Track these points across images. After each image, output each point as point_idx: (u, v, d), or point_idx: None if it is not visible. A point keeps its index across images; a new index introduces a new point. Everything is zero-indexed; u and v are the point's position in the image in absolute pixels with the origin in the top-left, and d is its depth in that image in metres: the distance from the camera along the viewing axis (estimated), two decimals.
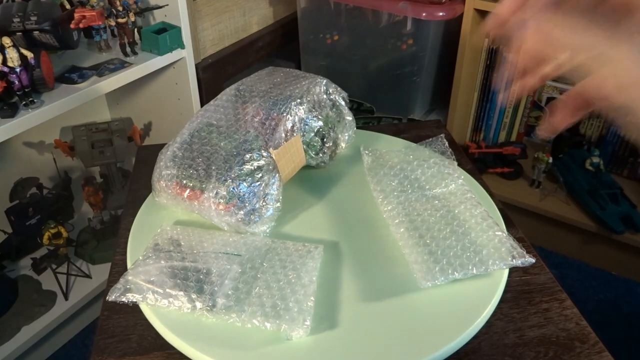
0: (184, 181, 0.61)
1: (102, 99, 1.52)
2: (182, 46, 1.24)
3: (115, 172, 1.36)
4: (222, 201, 0.59)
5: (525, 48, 0.30)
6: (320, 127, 0.69)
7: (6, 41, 0.93)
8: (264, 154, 0.61)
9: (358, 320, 0.52)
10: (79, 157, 1.31)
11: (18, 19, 1.03)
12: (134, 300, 0.53)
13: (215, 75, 1.41)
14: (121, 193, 1.38)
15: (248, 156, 0.60)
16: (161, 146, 0.66)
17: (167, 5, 1.20)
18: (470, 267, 0.54)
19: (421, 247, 0.57)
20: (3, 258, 1.31)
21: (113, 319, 0.55)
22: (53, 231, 1.25)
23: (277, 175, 0.62)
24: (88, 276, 1.33)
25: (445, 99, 1.59)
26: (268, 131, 0.63)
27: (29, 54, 0.96)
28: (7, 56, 0.93)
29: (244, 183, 0.59)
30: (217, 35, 1.43)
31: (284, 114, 0.64)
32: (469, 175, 0.72)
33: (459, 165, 0.72)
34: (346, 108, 0.75)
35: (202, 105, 0.90)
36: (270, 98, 0.67)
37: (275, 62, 1.69)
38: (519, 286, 0.59)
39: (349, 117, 0.75)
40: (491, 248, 0.56)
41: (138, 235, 0.63)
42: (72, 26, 1.08)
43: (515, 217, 0.68)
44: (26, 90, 0.98)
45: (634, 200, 1.47)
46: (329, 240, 0.61)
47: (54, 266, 1.29)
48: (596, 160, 1.49)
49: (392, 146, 0.77)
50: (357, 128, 0.77)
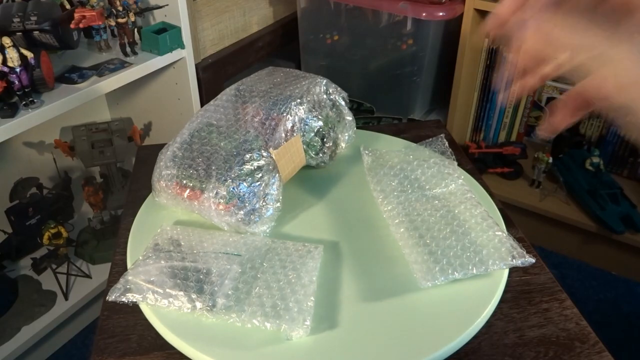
0: (184, 181, 0.61)
1: (102, 99, 1.52)
2: (182, 46, 1.24)
3: (115, 172, 1.36)
4: (222, 201, 0.59)
5: (525, 48, 0.30)
6: (320, 127, 0.69)
7: (6, 41, 0.93)
8: (264, 154, 0.61)
9: (358, 320, 0.52)
10: (79, 157, 1.31)
11: (18, 19, 1.03)
12: (134, 300, 0.53)
13: (215, 75, 1.41)
14: (121, 193, 1.38)
15: (248, 156, 0.60)
16: (161, 146, 0.66)
17: (167, 5, 1.20)
18: (470, 267, 0.54)
19: (421, 247, 0.57)
20: (3, 258, 1.31)
21: (113, 319, 0.55)
22: (53, 231, 1.25)
23: (277, 175, 0.62)
24: (88, 276, 1.33)
25: (445, 99, 1.59)
26: (268, 131, 0.63)
27: (29, 54, 0.96)
28: (7, 56, 0.93)
29: (244, 183, 0.59)
30: (217, 35, 1.43)
31: (284, 114, 0.64)
32: (469, 175, 0.72)
33: (459, 165, 0.72)
34: (346, 108, 0.75)
35: (202, 105, 0.90)
36: (270, 98, 0.67)
37: (275, 62, 1.69)
38: (519, 286, 0.59)
39: (349, 117, 0.75)
40: (491, 248, 0.56)
41: (138, 235, 0.63)
42: (72, 26, 1.08)
43: (515, 217, 0.68)
44: (26, 90, 0.98)
45: (634, 200, 1.47)
46: (329, 240, 0.61)
47: (54, 266, 1.29)
48: (596, 160, 1.49)
49: (392, 146, 0.77)
50: (357, 128, 0.77)
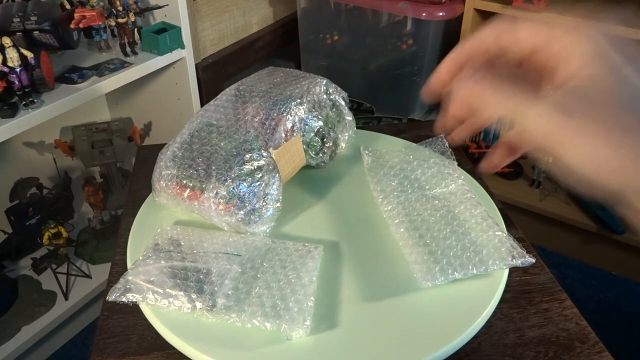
0: (184, 181, 0.61)
1: (102, 99, 1.52)
2: (182, 46, 1.24)
3: (115, 172, 1.36)
4: (222, 201, 0.59)
5: (459, 104, 0.36)
6: (320, 127, 0.69)
7: (6, 41, 0.93)
8: (264, 154, 0.61)
9: (358, 320, 0.52)
10: (79, 157, 1.31)
11: (18, 19, 1.03)
12: (134, 300, 0.53)
13: (215, 75, 1.41)
14: (121, 193, 1.38)
15: (248, 156, 0.60)
16: (161, 146, 0.66)
17: (167, 5, 1.20)
18: (470, 267, 0.54)
19: (421, 247, 0.57)
20: (3, 258, 1.31)
21: (113, 319, 0.55)
22: (53, 231, 1.25)
23: (277, 175, 0.62)
24: (88, 276, 1.33)
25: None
26: (268, 131, 0.63)
27: (29, 54, 0.96)
28: (7, 56, 0.93)
29: (244, 183, 0.59)
30: (217, 35, 1.43)
31: (284, 114, 0.64)
32: (469, 175, 0.72)
33: (459, 165, 0.72)
34: (346, 108, 0.75)
35: (202, 105, 0.90)
36: (270, 98, 0.67)
37: (275, 62, 1.69)
38: (519, 286, 0.59)
39: (349, 117, 0.75)
40: (491, 248, 0.56)
41: (138, 235, 0.63)
42: (72, 26, 1.08)
43: (515, 217, 0.68)
44: (26, 90, 0.98)
45: None
46: (329, 240, 0.61)
47: (54, 266, 1.29)
48: None
49: (392, 146, 0.77)
50: (357, 128, 0.77)
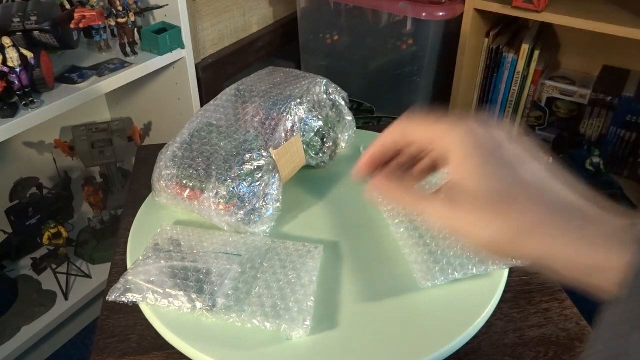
0: (184, 181, 0.61)
1: (102, 99, 1.52)
2: (182, 46, 1.24)
3: (115, 172, 1.36)
4: (222, 201, 0.59)
5: (373, 192, 0.42)
6: (320, 127, 0.69)
7: (6, 41, 0.93)
8: (264, 154, 0.61)
9: (358, 320, 0.52)
10: (79, 157, 1.31)
11: (18, 19, 1.03)
12: (134, 300, 0.53)
13: (215, 75, 1.41)
14: (121, 193, 1.38)
15: (248, 156, 0.60)
16: (161, 146, 0.67)
17: (167, 5, 1.20)
18: (470, 267, 0.54)
19: (421, 247, 0.57)
20: (3, 258, 1.31)
21: (113, 319, 0.55)
22: (53, 231, 1.25)
23: (277, 175, 0.62)
24: (88, 276, 1.33)
25: (445, 99, 1.59)
26: (268, 131, 0.63)
27: (29, 54, 0.96)
28: (7, 56, 0.93)
29: (244, 183, 0.59)
30: (217, 35, 1.43)
31: (284, 114, 0.64)
32: None
33: None
34: (346, 108, 0.75)
35: (202, 105, 0.90)
36: (270, 98, 0.67)
37: (275, 62, 1.69)
38: (519, 286, 0.59)
39: (349, 117, 0.75)
40: None
41: (138, 235, 0.63)
42: (72, 26, 1.08)
43: None
44: (26, 90, 0.98)
45: (634, 200, 1.46)
46: (329, 240, 0.61)
47: (54, 266, 1.29)
48: (596, 160, 1.49)
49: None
50: (357, 128, 0.77)
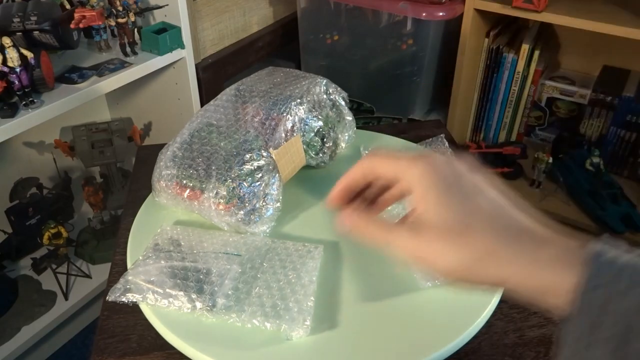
0: (184, 181, 0.61)
1: (102, 99, 1.52)
2: (182, 46, 1.24)
3: (115, 172, 1.36)
4: (222, 201, 0.59)
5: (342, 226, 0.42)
6: (320, 127, 0.69)
7: (6, 41, 0.93)
8: (264, 154, 0.61)
9: (358, 320, 0.52)
10: (79, 157, 1.31)
11: (18, 19, 1.03)
12: (134, 300, 0.53)
13: (215, 75, 1.41)
14: (121, 193, 1.38)
15: (248, 156, 0.60)
16: (161, 146, 0.67)
17: (167, 5, 1.20)
18: None
19: None
20: (3, 258, 1.31)
21: (113, 319, 0.55)
22: (53, 231, 1.25)
23: (277, 175, 0.62)
24: (88, 276, 1.33)
25: (445, 99, 1.59)
26: (268, 131, 0.63)
27: (29, 54, 0.96)
28: (7, 56, 0.93)
29: (244, 183, 0.59)
30: (217, 35, 1.43)
31: (284, 114, 0.64)
32: None
33: None
34: (346, 108, 0.75)
35: (202, 105, 0.90)
36: (270, 98, 0.67)
37: (275, 62, 1.69)
38: None
39: (349, 117, 0.75)
40: None
41: (138, 235, 0.63)
42: (72, 26, 1.08)
43: None
44: (26, 90, 0.98)
45: (634, 200, 1.46)
46: (329, 240, 0.61)
47: (54, 266, 1.29)
48: (596, 160, 1.48)
49: (392, 146, 0.77)
50: (357, 128, 0.77)
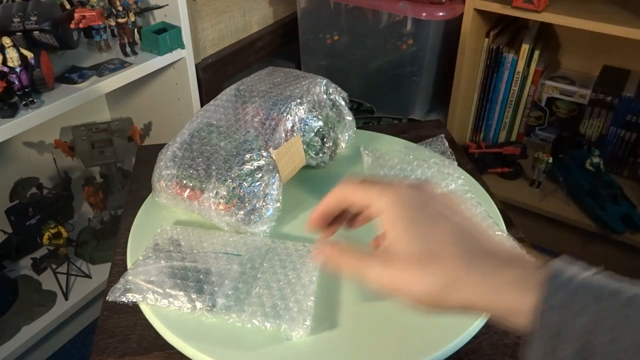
0: (184, 181, 0.61)
1: (102, 99, 1.52)
2: (182, 46, 1.24)
3: (115, 172, 1.36)
4: (222, 201, 0.59)
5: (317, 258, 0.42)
6: (320, 127, 0.69)
7: (6, 41, 0.93)
8: (264, 154, 0.61)
9: (358, 320, 0.52)
10: (79, 157, 1.31)
11: (18, 19, 1.03)
12: (134, 300, 0.53)
13: (215, 75, 1.41)
14: (121, 193, 1.38)
15: (248, 156, 0.60)
16: (161, 146, 0.67)
17: (167, 5, 1.20)
18: None
19: None
20: (3, 258, 1.31)
21: (113, 319, 0.55)
22: (53, 231, 1.25)
23: (277, 175, 0.62)
24: (88, 276, 1.33)
25: (445, 99, 1.59)
26: (268, 131, 0.63)
27: (29, 54, 0.96)
28: (7, 56, 0.93)
29: (244, 183, 0.59)
30: (217, 35, 1.43)
31: (284, 114, 0.64)
32: (469, 175, 0.72)
33: (459, 165, 0.72)
34: (346, 108, 0.75)
35: (202, 105, 0.90)
36: (270, 98, 0.67)
37: (275, 62, 1.69)
38: None
39: (349, 117, 0.75)
40: None
41: (138, 235, 0.63)
42: (72, 26, 1.08)
43: (515, 217, 0.68)
44: (26, 90, 0.98)
45: (634, 200, 1.47)
46: (329, 240, 0.61)
47: (54, 266, 1.29)
48: (596, 160, 1.49)
49: (392, 146, 0.77)
50: (357, 128, 0.77)
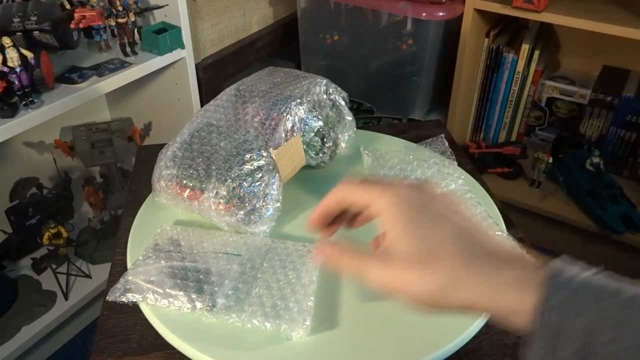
0: (184, 181, 0.61)
1: (102, 99, 1.52)
2: (182, 46, 1.24)
3: (115, 172, 1.36)
4: (222, 201, 0.59)
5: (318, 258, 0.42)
6: (320, 127, 0.69)
7: (6, 41, 0.93)
8: (264, 154, 0.61)
9: (358, 320, 0.52)
10: (79, 157, 1.31)
11: (18, 19, 1.03)
12: (134, 300, 0.53)
13: (215, 75, 1.41)
14: (121, 193, 1.38)
15: (248, 156, 0.60)
16: (161, 146, 0.67)
17: (167, 5, 1.20)
18: None
19: None
20: (3, 258, 1.31)
21: (113, 319, 0.55)
22: (53, 231, 1.25)
23: (277, 175, 0.62)
24: (88, 276, 1.33)
25: (445, 99, 1.59)
26: (268, 131, 0.63)
27: (29, 54, 0.96)
28: (7, 56, 0.93)
29: (244, 183, 0.59)
30: (217, 35, 1.43)
31: (284, 114, 0.64)
32: (469, 175, 0.72)
33: (459, 165, 0.72)
34: (346, 108, 0.75)
35: (202, 105, 0.90)
36: (270, 98, 0.67)
37: (275, 62, 1.69)
38: None
39: (349, 117, 0.75)
40: None
41: (138, 235, 0.63)
42: (72, 26, 1.08)
43: (515, 217, 0.68)
44: (26, 90, 0.98)
45: (634, 200, 1.47)
46: (329, 240, 0.61)
47: (54, 266, 1.29)
48: (596, 160, 1.49)
49: (392, 146, 0.77)
50: (357, 128, 0.77)
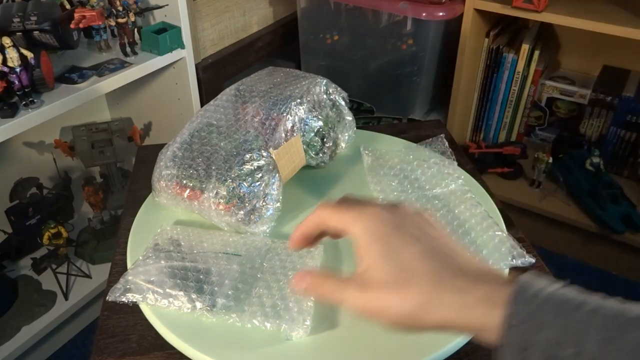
0: (184, 181, 0.61)
1: (102, 99, 1.52)
2: (182, 46, 1.24)
3: (115, 172, 1.36)
4: (222, 201, 0.59)
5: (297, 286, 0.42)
6: (320, 127, 0.69)
7: (6, 41, 0.93)
8: (264, 154, 0.61)
9: (358, 320, 0.51)
10: (79, 157, 1.31)
11: (18, 19, 1.03)
12: (134, 300, 0.53)
13: (215, 75, 1.41)
14: (121, 193, 1.38)
15: (248, 156, 0.60)
16: (161, 146, 0.67)
17: (167, 5, 1.20)
18: None
19: None
20: (3, 258, 1.31)
21: (113, 319, 0.55)
22: (53, 231, 1.25)
23: (277, 175, 0.62)
24: (88, 276, 1.33)
25: (445, 99, 1.59)
26: (268, 131, 0.63)
27: (29, 54, 0.96)
28: (7, 56, 0.93)
29: (244, 183, 0.59)
30: (217, 35, 1.43)
31: (284, 114, 0.64)
32: (469, 175, 0.72)
33: (459, 165, 0.72)
34: (346, 108, 0.75)
35: (202, 105, 0.90)
36: (270, 98, 0.67)
37: (275, 62, 1.69)
38: None
39: (349, 117, 0.75)
40: (491, 248, 0.56)
41: (138, 235, 0.63)
42: (72, 26, 1.08)
43: (515, 217, 0.68)
44: (26, 90, 0.98)
45: (634, 200, 1.47)
46: (329, 240, 0.61)
47: (54, 266, 1.29)
48: (596, 160, 1.49)
49: (392, 146, 0.77)
50: (357, 128, 0.77)
